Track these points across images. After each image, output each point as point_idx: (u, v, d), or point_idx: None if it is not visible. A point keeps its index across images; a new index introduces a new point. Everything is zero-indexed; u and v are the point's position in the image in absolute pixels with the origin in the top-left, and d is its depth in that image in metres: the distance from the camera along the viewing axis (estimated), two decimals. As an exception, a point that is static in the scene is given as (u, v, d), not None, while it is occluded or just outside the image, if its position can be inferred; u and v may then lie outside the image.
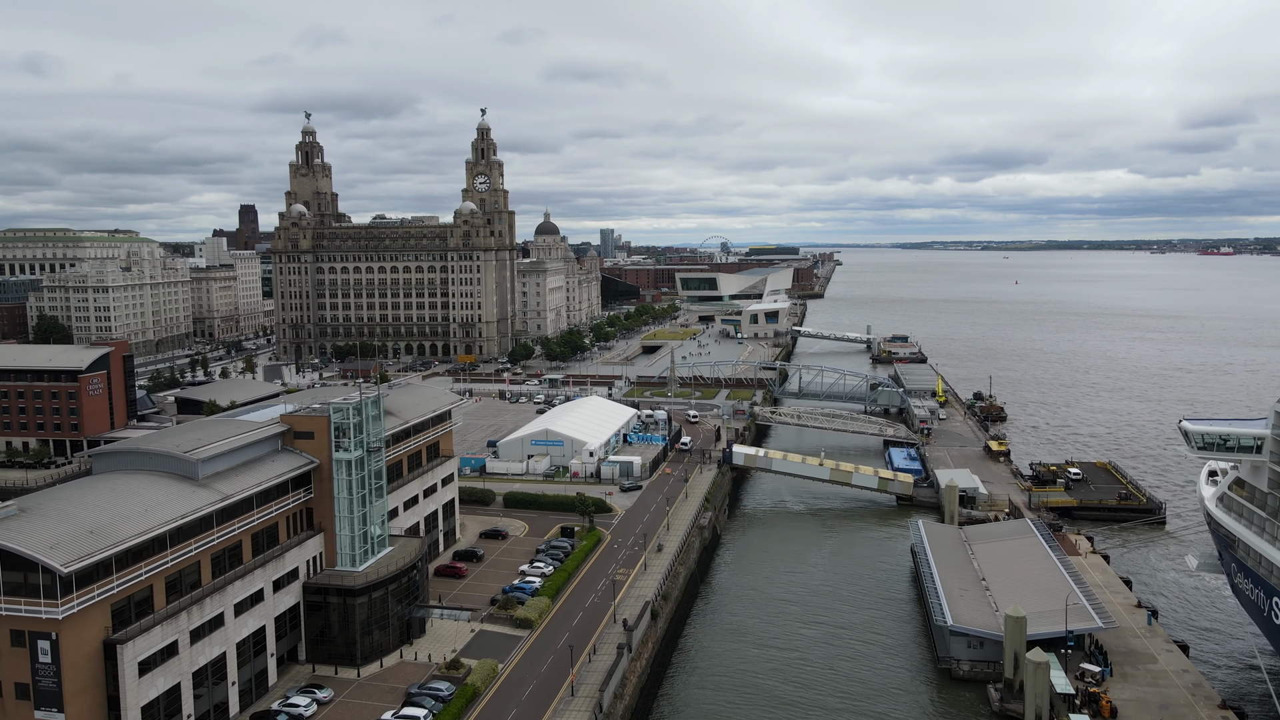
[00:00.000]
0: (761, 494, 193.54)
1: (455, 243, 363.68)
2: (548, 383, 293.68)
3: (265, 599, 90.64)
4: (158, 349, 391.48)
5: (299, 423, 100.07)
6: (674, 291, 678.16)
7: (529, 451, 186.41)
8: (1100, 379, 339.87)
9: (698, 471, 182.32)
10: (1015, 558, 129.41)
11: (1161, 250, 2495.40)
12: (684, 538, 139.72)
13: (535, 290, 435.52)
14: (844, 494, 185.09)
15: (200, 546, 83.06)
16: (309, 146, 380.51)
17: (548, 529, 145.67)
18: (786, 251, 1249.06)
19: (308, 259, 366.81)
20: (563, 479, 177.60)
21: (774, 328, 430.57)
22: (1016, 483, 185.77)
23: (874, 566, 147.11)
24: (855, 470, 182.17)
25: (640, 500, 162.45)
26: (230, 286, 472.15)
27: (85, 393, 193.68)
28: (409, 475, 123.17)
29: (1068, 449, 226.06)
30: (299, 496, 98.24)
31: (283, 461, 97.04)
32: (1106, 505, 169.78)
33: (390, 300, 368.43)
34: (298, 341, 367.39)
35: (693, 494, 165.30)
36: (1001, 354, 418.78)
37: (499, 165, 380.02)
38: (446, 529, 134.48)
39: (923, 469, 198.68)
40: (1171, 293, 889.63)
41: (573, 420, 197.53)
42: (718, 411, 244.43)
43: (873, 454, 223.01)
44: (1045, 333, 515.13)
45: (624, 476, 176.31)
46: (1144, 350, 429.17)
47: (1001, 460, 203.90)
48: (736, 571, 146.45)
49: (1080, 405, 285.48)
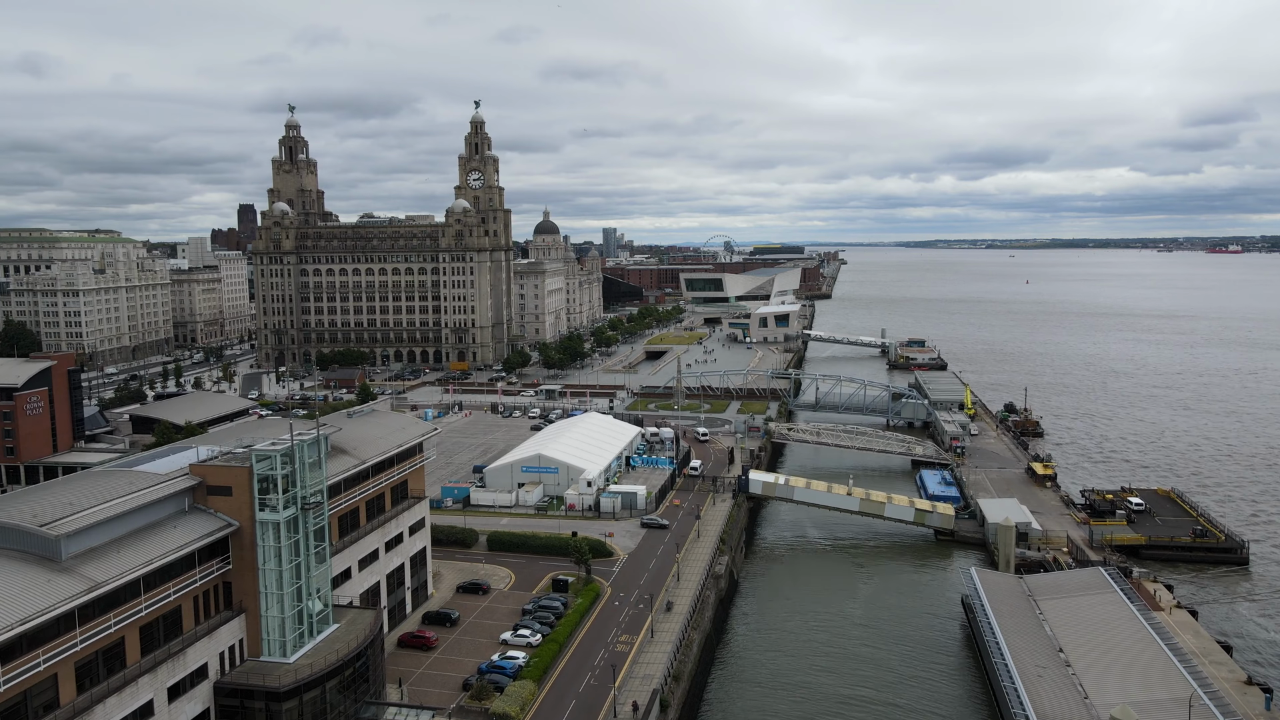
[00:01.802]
0: (781, 524, 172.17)
1: (447, 243, 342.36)
2: (544, 394, 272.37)
3: (157, 713, 69.40)
4: (134, 355, 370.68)
5: (213, 475, 78.90)
6: (678, 292, 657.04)
7: (519, 479, 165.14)
8: (1132, 386, 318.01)
9: (710, 502, 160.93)
10: (1095, 621, 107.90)
11: (1168, 249, 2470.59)
12: (697, 592, 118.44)
13: (533, 293, 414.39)
14: (874, 526, 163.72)
15: (56, 655, 61.86)
16: (293, 141, 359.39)
17: (537, 579, 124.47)
18: (791, 250, 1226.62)
19: (291, 260, 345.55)
20: (557, 512, 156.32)
21: (784, 331, 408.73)
22: (1070, 514, 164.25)
23: (919, 623, 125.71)
24: (888, 500, 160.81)
25: (645, 541, 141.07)
26: (214, 289, 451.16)
27: (22, 413, 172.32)
28: (368, 526, 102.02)
29: (1118, 471, 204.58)
30: (212, 570, 77.10)
31: (189, 527, 75.90)
32: (1179, 544, 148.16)
33: (378, 304, 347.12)
34: (280, 348, 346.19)
35: (706, 532, 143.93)
36: (1023, 358, 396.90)
37: (494, 160, 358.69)
38: (416, 584, 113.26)
39: (961, 496, 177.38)
40: (1186, 292, 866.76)
41: (569, 442, 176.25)
42: (730, 428, 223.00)
43: (900, 476, 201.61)
44: (1064, 335, 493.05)
45: (626, 509, 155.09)
46: (1171, 354, 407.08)
47: (1049, 486, 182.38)
48: (759, 627, 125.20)
49: (1120, 417, 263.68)
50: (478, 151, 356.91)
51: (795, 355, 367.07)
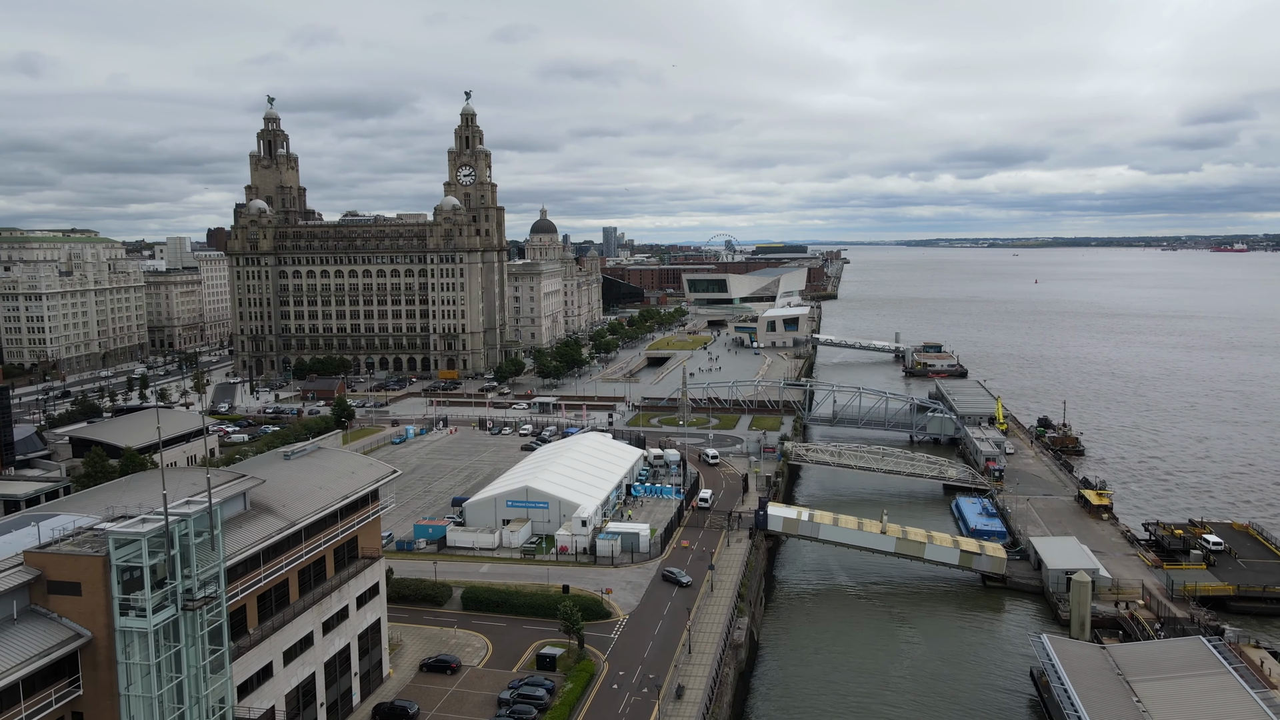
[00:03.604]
0: (803, 563, 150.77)
1: (435, 243, 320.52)
2: (537, 407, 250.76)
3: None
4: (104, 363, 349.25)
5: (57, 566, 57.57)
6: (680, 293, 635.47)
7: (504, 515, 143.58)
8: (1167, 395, 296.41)
9: (723, 542, 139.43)
10: (1209, 715, 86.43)
11: (1172, 247, 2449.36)
12: (714, 670, 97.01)
13: (529, 295, 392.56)
14: (911, 568, 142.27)
15: None
16: (272, 135, 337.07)
17: (520, 650, 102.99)
18: (794, 249, 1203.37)
19: (269, 261, 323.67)
20: (546, 555, 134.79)
21: (794, 335, 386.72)
22: (1138, 554, 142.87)
23: (978, 698, 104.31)
24: (928, 540, 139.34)
25: (650, 595, 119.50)
26: (194, 291, 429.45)
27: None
28: (299, 603, 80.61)
29: (1176, 498, 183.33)
30: (51, 700, 55.74)
31: (19, 640, 54.58)
32: (1275, 594, 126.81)
33: (362, 308, 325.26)
34: (258, 355, 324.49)
35: (721, 584, 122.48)
36: (1044, 364, 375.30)
37: (486, 155, 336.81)
38: (367, 668, 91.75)
39: (1007, 530, 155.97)
40: (1203, 292, 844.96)
41: (562, 470, 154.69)
42: (741, 448, 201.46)
43: (931, 503, 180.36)
44: (1083, 338, 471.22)
45: (627, 552, 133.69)
46: (1202, 359, 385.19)
47: (1105, 518, 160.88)
48: (785, 706, 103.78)
49: (1165, 432, 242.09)
50: (469, 146, 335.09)
51: (806, 362, 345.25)
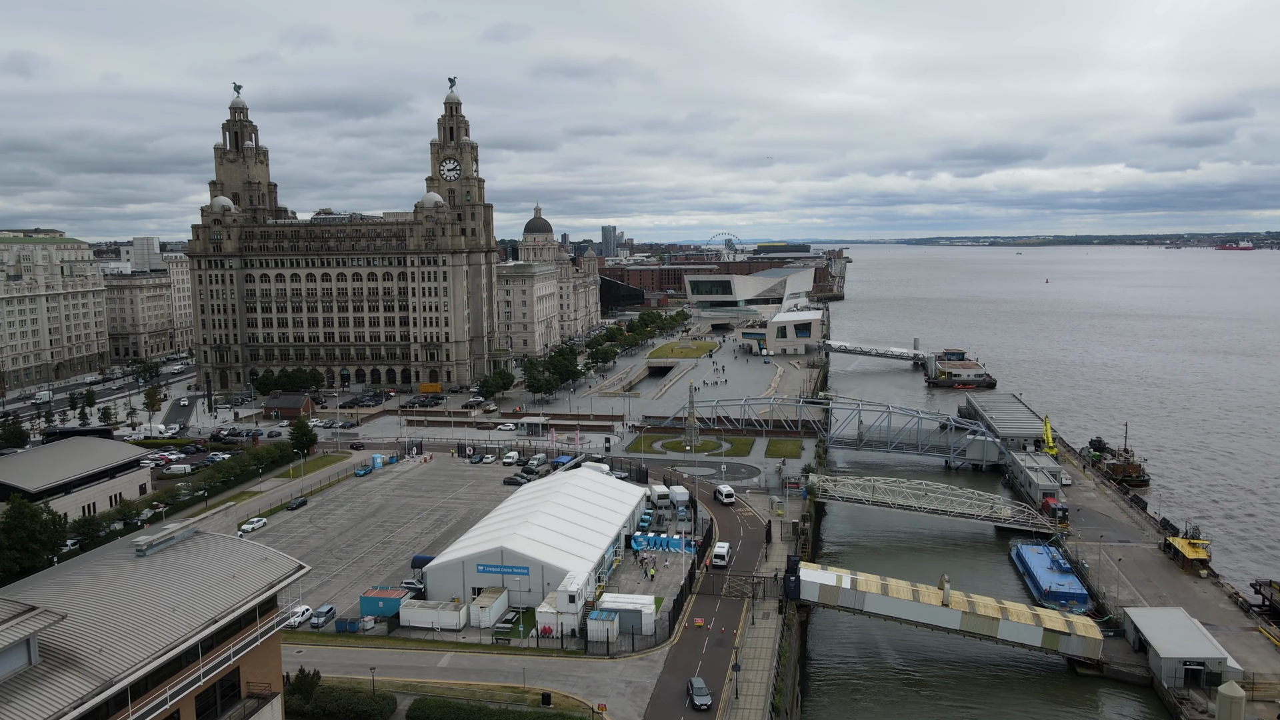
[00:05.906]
0: (842, 638, 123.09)
1: (416, 243, 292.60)
2: (525, 428, 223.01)
3: None
4: (57, 375, 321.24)
5: None
6: (681, 294, 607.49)
7: (474, 582, 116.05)
8: (1223, 411, 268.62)
9: (746, 619, 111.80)
10: None
11: (1175, 245, 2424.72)
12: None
13: (520, 299, 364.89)
14: (976, 647, 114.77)
15: None
16: (239, 126, 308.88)
17: (480, 803, 75.43)
18: (796, 248, 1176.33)
19: (234, 264, 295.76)
20: (524, 639, 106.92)
21: (805, 342, 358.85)
22: (1258, 627, 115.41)
23: None
24: (1002, 616, 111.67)
25: (654, 706, 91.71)
26: (162, 295, 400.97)
27: None
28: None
29: (1273, 540, 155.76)
30: None
31: None
32: None
33: (336, 315, 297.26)
34: (222, 367, 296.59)
35: (747, 685, 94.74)
36: (1075, 372, 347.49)
37: (472, 148, 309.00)
38: None
39: (1086, 592, 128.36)
40: (1214, 291, 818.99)
41: (546, 524, 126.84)
42: (759, 480, 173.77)
43: (980, 549, 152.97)
44: (1109, 343, 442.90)
45: (627, 633, 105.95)
46: (1246, 367, 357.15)
47: (1204, 574, 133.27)
48: None
49: (1242, 457, 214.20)
50: (453, 137, 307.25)
51: (821, 372, 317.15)
